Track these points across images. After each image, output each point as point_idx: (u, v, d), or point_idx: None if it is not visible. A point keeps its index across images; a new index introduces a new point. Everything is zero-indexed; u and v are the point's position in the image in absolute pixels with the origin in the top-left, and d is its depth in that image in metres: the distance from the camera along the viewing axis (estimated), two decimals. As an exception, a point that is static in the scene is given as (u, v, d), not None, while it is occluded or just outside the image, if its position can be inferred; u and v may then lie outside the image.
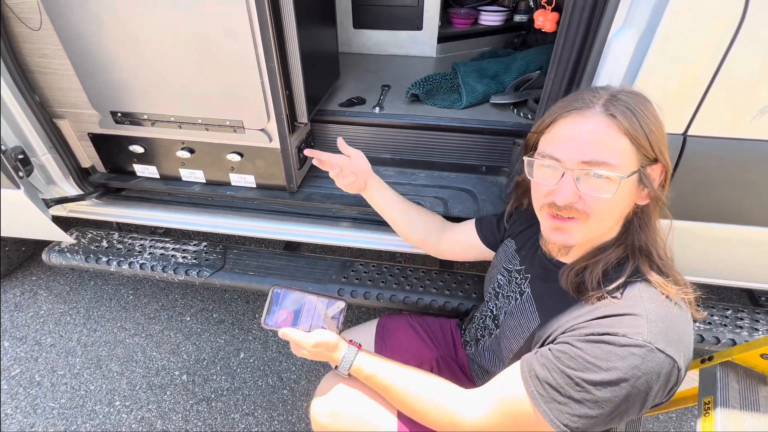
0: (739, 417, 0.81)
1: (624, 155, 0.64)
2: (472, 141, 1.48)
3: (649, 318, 0.62)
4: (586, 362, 0.62)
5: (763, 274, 1.23)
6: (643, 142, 0.64)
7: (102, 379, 1.60)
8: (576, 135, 0.66)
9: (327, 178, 1.55)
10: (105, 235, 1.57)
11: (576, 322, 0.67)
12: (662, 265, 0.70)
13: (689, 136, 0.94)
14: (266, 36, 1.07)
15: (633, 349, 0.60)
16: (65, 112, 1.36)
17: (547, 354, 0.67)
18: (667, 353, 0.59)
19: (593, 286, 0.68)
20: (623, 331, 0.61)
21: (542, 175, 0.71)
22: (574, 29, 0.99)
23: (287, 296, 0.87)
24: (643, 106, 0.66)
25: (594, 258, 0.72)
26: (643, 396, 0.61)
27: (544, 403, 0.65)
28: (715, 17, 0.80)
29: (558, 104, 0.72)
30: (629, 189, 0.67)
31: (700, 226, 1.09)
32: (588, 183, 0.65)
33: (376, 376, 0.82)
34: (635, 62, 0.89)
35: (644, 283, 0.67)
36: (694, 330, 1.23)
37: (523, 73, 1.66)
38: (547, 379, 0.65)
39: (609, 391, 0.61)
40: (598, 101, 0.66)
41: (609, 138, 0.64)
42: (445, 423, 0.76)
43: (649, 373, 0.59)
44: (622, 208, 0.69)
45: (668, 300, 0.65)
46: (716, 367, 0.90)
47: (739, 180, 0.98)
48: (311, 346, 0.82)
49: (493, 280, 0.97)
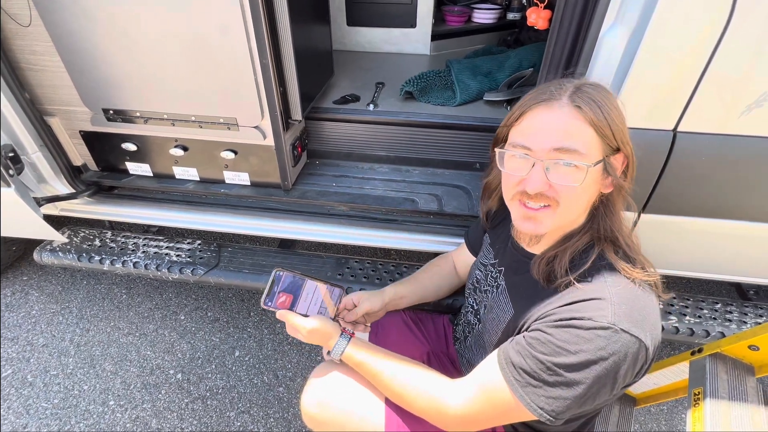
0: (728, 407, 0.83)
1: (590, 144, 0.67)
2: (466, 138, 1.49)
3: (612, 301, 0.64)
4: (556, 347, 0.65)
5: (751, 267, 1.26)
6: (607, 131, 0.67)
7: (96, 379, 1.59)
8: (545, 125, 0.68)
9: (322, 176, 1.56)
10: (98, 234, 1.56)
11: (546, 310, 0.69)
12: (628, 250, 0.72)
13: (679, 132, 0.96)
14: (260, 33, 1.07)
15: (598, 332, 0.62)
16: (56, 110, 1.34)
17: (521, 341, 0.70)
18: (632, 333, 0.61)
19: (562, 274, 0.71)
20: (589, 315, 0.63)
21: (513, 166, 0.73)
22: (567, 26, 1.00)
23: (288, 279, 0.88)
24: (607, 98, 0.68)
25: (562, 246, 0.74)
26: (613, 376, 0.63)
27: (521, 387, 0.68)
28: (704, 15, 0.81)
29: (526, 97, 0.74)
30: (595, 177, 0.69)
31: (690, 221, 1.11)
32: (557, 172, 0.68)
33: (366, 363, 0.84)
34: (626, 59, 0.91)
35: (609, 269, 0.69)
36: (686, 323, 1.26)
37: (517, 70, 1.67)
38: (522, 365, 0.68)
39: (579, 374, 0.63)
40: (565, 93, 0.68)
41: (576, 128, 0.66)
42: (431, 410, 0.78)
43: (616, 353, 0.61)
44: (589, 195, 0.71)
45: (632, 283, 0.67)
46: (705, 359, 0.91)
47: (728, 176, 1.00)
48: (307, 330, 0.85)
49: (472, 276, 1.00)
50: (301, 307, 0.89)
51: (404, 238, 1.40)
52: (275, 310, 0.87)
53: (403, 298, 1.10)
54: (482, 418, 0.75)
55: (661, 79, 0.90)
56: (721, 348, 0.91)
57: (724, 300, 1.35)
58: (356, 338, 0.88)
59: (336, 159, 1.61)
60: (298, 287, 0.89)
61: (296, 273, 0.89)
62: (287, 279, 0.88)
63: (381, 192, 1.46)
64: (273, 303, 0.87)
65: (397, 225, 1.42)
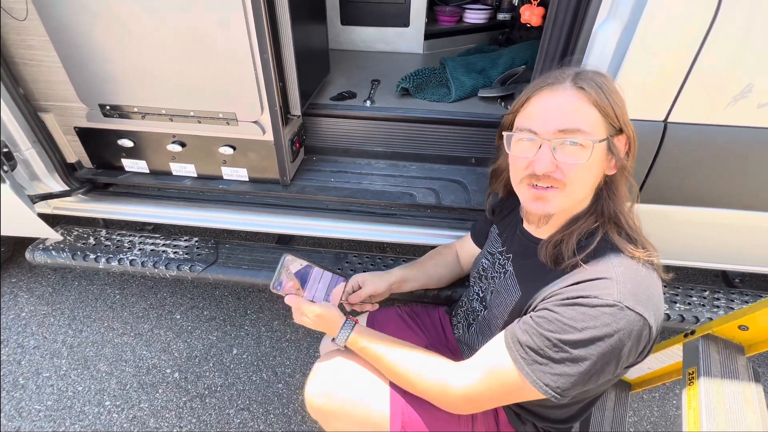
0: (721, 384, 0.86)
1: (594, 124, 0.69)
2: (462, 133, 1.52)
3: (618, 280, 0.66)
4: (562, 324, 0.66)
5: (737, 255, 1.31)
6: (610, 112, 0.69)
7: (90, 380, 1.56)
8: (550, 108, 0.71)
9: (320, 171, 1.57)
10: (92, 232, 1.54)
11: (553, 290, 0.71)
12: (630, 231, 0.75)
13: (669, 122, 1.00)
14: (261, 27, 1.08)
15: (604, 309, 0.64)
16: (50, 106, 1.33)
17: (528, 321, 0.72)
18: (637, 311, 0.64)
19: (569, 255, 0.73)
20: (595, 293, 0.65)
21: (521, 149, 0.75)
22: (561, 22, 1.03)
23: (297, 264, 0.90)
24: (607, 81, 0.72)
25: (569, 229, 0.76)
26: (617, 353, 0.65)
27: (527, 365, 0.69)
28: (691, 11, 0.85)
29: (530, 85, 0.77)
30: (600, 156, 0.71)
31: (680, 210, 1.15)
32: (564, 151, 0.70)
33: (370, 347, 0.86)
34: (619, 53, 0.94)
35: (613, 249, 0.72)
36: (676, 310, 1.30)
37: (509, 67, 1.71)
38: (528, 342, 0.69)
39: (585, 350, 0.65)
40: (567, 77, 0.72)
41: (580, 108, 0.69)
42: (436, 391, 0.80)
43: (621, 330, 0.64)
44: (594, 176, 0.74)
45: (636, 263, 0.70)
46: (698, 340, 0.95)
47: (717, 165, 1.05)
48: (315, 315, 0.86)
49: (478, 265, 1.02)
50: (308, 294, 0.91)
51: (403, 232, 1.42)
52: (284, 294, 0.89)
53: (408, 282, 1.12)
54: (486, 397, 0.77)
55: (652, 71, 0.94)
56: (712, 329, 0.94)
57: (712, 288, 1.40)
58: (360, 325, 0.89)
59: (334, 155, 1.62)
60: (306, 274, 0.90)
61: (304, 259, 0.90)
62: (296, 265, 0.90)
63: (379, 187, 1.47)
64: (282, 287, 0.89)
65: (395, 219, 1.43)
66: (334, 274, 0.93)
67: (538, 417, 0.90)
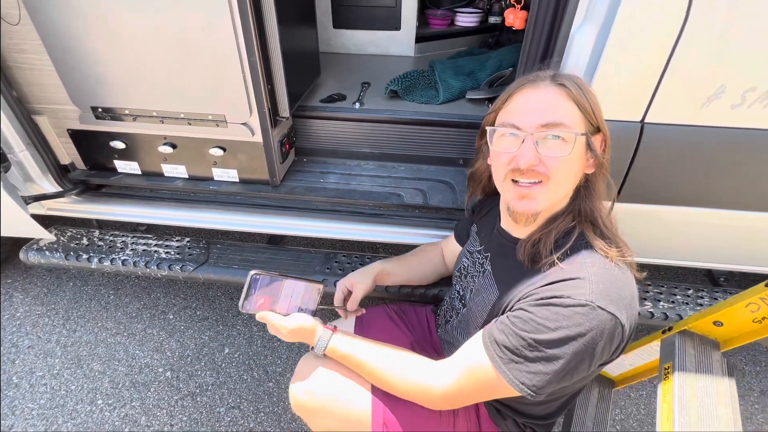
0: (695, 379, 0.88)
1: (574, 119, 0.72)
2: (449, 134, 1.54)
3: (590, 280, 0.68)
4: (537, 324, 0.68)
5: (720, 254, 1.33)
6: (588, 108, 0.73)
7: (83, 379, 1.58)
8: (532, 103, 0.74)
9: (309, 172, 1.59)
10: (85, 232, 1.56)
11: (529, 290, 0.73)
12: (605, 230, 0.77)
13: (646, 123, 1.02)
14: (248, 30, 1.10)
15: (577, 309, 0.66)
16: (44, 108, 1.35)
17: (504, 321, 0.73)
18: (609, 310, 0.65)
19: (546, 254, 0.75)
20: (568, 293, 0.67)
21: (504, 144, 0.77)
22: (541, 25, 1.06)
23: (266, 280, 0.87)
24: (584, 82, 0.75)
25: (547, 228, 0.78)
26: (590, 352, 0.67)
27: (504, 364, 0.71)
28: (662, 15, 0.88)
29: (511, 85, 0.80)
30: (580, 152, 0.74)
31: (660, 209, 1.17)
32: (546, 145, 0.72)
33: (350, 355, 0.86)
34: (595, 55, 0.97)
35: (588, 249, 0.74)
36: (660, 308, 1.32)
37: (497, 70, 1.74)
38: (505, 342, 0.71)
39: (559, 349, 0.67)
40: (547, 75, 0.75)
41: (560, 103, 0.72)
42: (416, 392, 0.81)
43: (593, 329, 0.65)
44: (575, 171, 0.76)
45: (609, 262, 0.71)
46: (675, 336, 0.97)
47: (693, 164, 1.07)
48: (287, 330, 0.86)
49: (459, 263, 1.04)
50: (281, 307, 0.89)
51: (391, 231, 1.44)
52: (254, 312, 0.87)
53: (390, 275, 1.14)
54: (466, 395, 0.79)
55: (627, 73, 0.96)
56: (688, 325, 0.96)
57: (696, 286, 1.42)
58: (338, 332, 0.89)
59: (323, 156, 1.64)
60: (277, 288, 0.88)
61: (273, 274, 0.87)
62: (264, 281, 0.87)
63: (368, 187, 1.50)
64: (252, 305, 0.87)
65: (383, 219, 1.45)
66: (307, 282, 0.91)
67: (518, 413, 0.91)
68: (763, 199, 1.10)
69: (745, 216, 1.14)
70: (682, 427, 0.79)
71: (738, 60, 0.91)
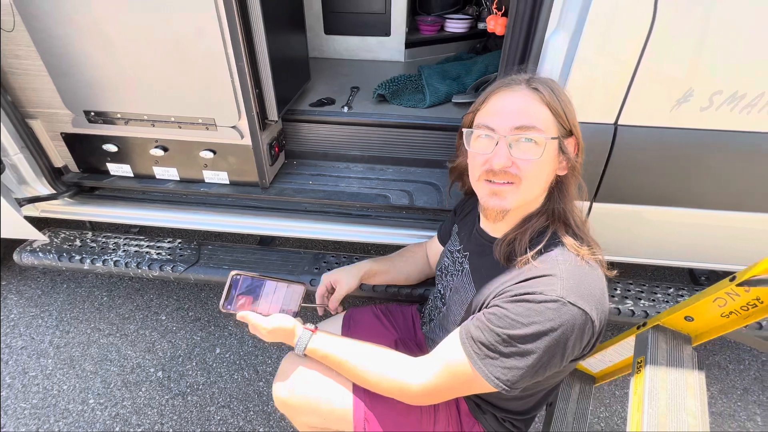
0: (666, 372, 0.91)
1: (546, 123, 0.75)
2: (436, 137, 1.58)
3: (562, 276, 0.70)
4: (510, 320, 0.71)
5: (698, 253, 1.36)
6: (560, 112, 0.75)
7: (75, 379, 1.60)
8: (506, 106, 0.76)
9: (299, 175, 1.62)
10: (78, 234, 1.59)
11: (504, 287, 0.76)
12: (577, 230, 0.80)
13: (620, 125, 1.06)
14: (235, 37, 1.14)
15: (548, 305, 0.68)
16: (38, 112, 1.38)
17: (480, 317, 0.76)
18: (579, 306, 0.68)
19: (521, 252, 0.78)
20: (540, 290, 0.70)
21: (479, 146, 0.80)
22: (518, 31, 1.10)
23: (247, 281, 0.88)
24: (558, 86, 0.78)
25: (522, 228, 0.81)
26: (562, 346, 0.70)
27: (479, 360, 0.74)
28: (629, 21, 0.91)
29: (489, 87, 0.83)
30: (552, 154, 0.76)
31: (637, 209, 1.20)
32: (519, 148, 0.74)
33: (330, 355, 0.88)
34: (568, 60, 1.00)
35: (560, 247, 0.76)
36: (641, 306, 1.34)
37: (483, 74, 1.78)
38: (480, 338, 0.74)
39: (532, 344, 0.70)
40: (523, 80, 0.78)
41: (534, 107, 0.75)
42: (395, 390, 0.84)
43: (564, 324, 0.68)
44: (547, 173, 0.78)
45: (581, 260, 0.75)
46: (648, 332, 1.00)
47: (665, 164, 1.10)
48: (267, 330, 0.88)
49: (441, 263, 1.06)
50: (262, 308, 0.90)
51: (378, 232, 1.47)
52: (235, 312, 0.88)
53: (376, 275, 1.17)
54: (443, 390, 0.81)
55: (600, 76, 1.00)
56: (661, 320, 0.99)
57: (677, 285, 1.45)
58: (318, 332, 0.91)
59: (313, 159, 1.68)
60: (258, 288, 0.89)
61: (254, 275, 0.88)
62: (245, 282, 0.88)
63: (356, 189, 1.53)
64: (233, 306, 0.88)
65: (371, 220, 1.49)
66: (289, 283, 0.93)
67: (497, 408, 0.94)
68: (732, 198, 1.13)
69: (715, 215, 1.17)
70: (650, 417, 0.82)
71: (704, 64, 0.94)
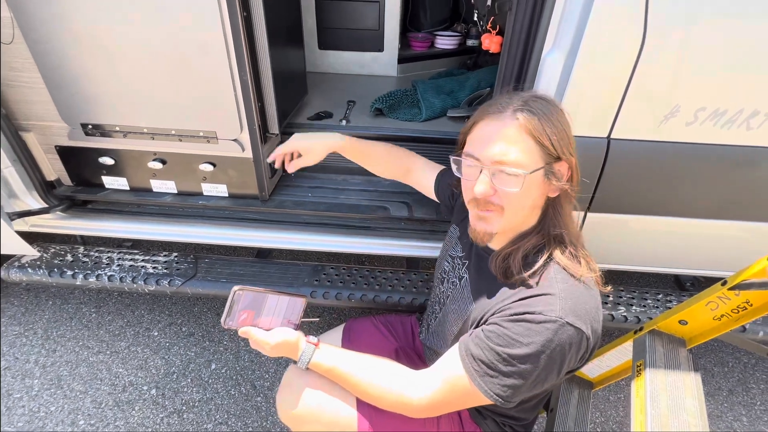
0: (664, 374, 0.94)
1: (529, 153, 0.74)
2: (432, 150, 1.61)
3: (560, 296, 0.72)
4: (510, 339, 0.73)
5: (685, 260, 1.43)
6: (546, 141, 0.73)
7: (63, 399, 1.54)
8: (489, 136, 0.76)
9: (298, 187, 1.63)
10: (69, 249, 1.55)
11: (503, 304, 0.78)
12: (573, 249, 0.80)
13: (612, 139, 1.11)
14: (240, 50, 1.15)
15: (547, 325, 0.71)
16: (32, 125, 1.36)
17: (479, 334, 0.78)
18: (576, 325, 0.71)
19: (517, 270, 0.79)
20: (539, 309, 0.72)
21: (467, 173, 0.81)
22: (515, 50, 1.15)
23: (249, 296, 0.87)
24: (549, 111, 0.75)
25: (516, 245, 0.82)
26: (559, 364, 0.73)
27: (479, 377, 0.76)
28: (621, 42, 0.98)
29: (480, 108, 0.82)
30: (536, 183, 0.76)
31: (629, 219, 1.26)
32: (500, 179, 0.75)
33: (333, 369, 0.89)
34: (564, 77, 1.06)
35: (557, 266, 0.78)
36: (633, 312, 1.40)
37: (476, 89, 1.84)
38: (480, 356, 0.76)
39: (531, 364, 0.72)
40: (510, 107, 0.75)
41: (515, 139, 0.73)
42: (397, 404, 0.85)
43: (562, 344, 0.71)
44: (532, 200, 0.78)
45: (577, 280, 0.76)
46: (645, 336, 1.04)
47: (656, 176, 1.16)
48: (270, 346, 0.88)
49: (440, 267, 1.08)
50: (264, 322, 0.90)
51: (378, 243, 1.49)
52: (237, 328, 0.88)
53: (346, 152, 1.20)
54: (444, 404, 0.83)
55: (593, 94, 1.06)
56: (657, 325, 1.03)
57: (665, 291, 1.51)
58: (321, 346, 0.91)
59: (311, 171, 1.68)
60: (259, 303, 0.89)
61: (256, 290, 0.88)
62: (247, 297, 0.87)
63: (355, 201, 1.54)
64: (234, 321, 0.88)
65: (370, 231, 1.50)
66: (291, 296, 0.92)
67: (496, 414, 0.97)
68: (716, 208, 1.20)
69: (701, 224, 1.24)
70: (653, 418, 0.85)
71: (689, 82, 1.01)
